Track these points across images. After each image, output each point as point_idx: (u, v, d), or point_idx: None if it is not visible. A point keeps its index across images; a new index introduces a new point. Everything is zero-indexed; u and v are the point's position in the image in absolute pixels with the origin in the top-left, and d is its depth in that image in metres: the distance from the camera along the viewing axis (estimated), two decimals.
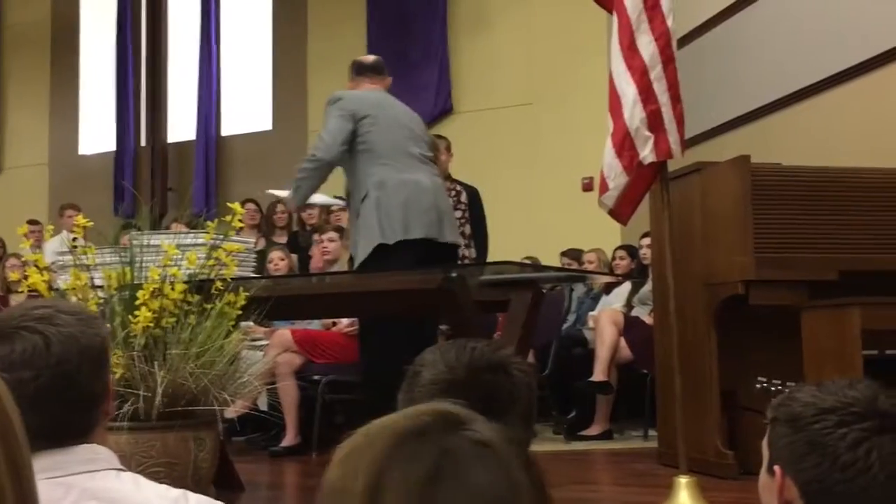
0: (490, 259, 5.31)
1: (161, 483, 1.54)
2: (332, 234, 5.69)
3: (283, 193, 4.52)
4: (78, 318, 1.48)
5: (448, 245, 4.23)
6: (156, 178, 9.53)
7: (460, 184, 5.70)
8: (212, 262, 3.29)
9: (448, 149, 5.67)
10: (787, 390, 1.31)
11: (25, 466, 0.85)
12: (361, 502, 0.78)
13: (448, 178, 5.26)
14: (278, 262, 5.97)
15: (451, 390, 1.24)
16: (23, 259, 6.71)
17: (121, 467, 1.49)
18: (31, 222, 7.44)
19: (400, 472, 0.78)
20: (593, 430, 5.60)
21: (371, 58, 4.66)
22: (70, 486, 1.40)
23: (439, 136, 5.69)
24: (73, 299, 3.04)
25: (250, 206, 7.57)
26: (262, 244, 6.90)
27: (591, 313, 6.10)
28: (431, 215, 4.15)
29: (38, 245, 5.91)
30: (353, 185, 4.29)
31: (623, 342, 5.54)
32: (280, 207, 7.49)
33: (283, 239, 7.21)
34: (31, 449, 1.42)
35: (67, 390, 1.44)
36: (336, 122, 4.21)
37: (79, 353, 1.44)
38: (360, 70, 4.53)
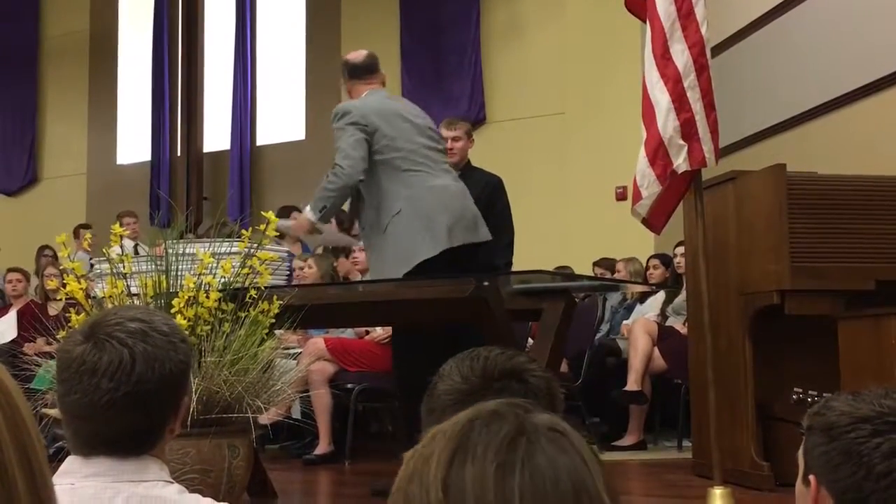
0: (522, 268, 5.28)
1: (194, 491, 1.57)
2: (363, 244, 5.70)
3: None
4: (168, 339, 1.52)
5: (483, 243, 4.20)
6: (191, 188, 9.62)
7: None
8: (246, 270, 3.31)
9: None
10: (822, 400, 1.30)
11: (38, 459, 0.85)
12: (442, 469, 0.77)
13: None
14: (307, 269, 5.94)
15: (466, 401, 1.23)
16: (61, 268, 6.79)
17: (170, 479, 1.53)
18: (83, 227, 7.55)
19: (481, 442, 0.78)
20: (627, 440, 5.56)
21: (361, 55, 4.34)
22: (119, 490, 1.46)
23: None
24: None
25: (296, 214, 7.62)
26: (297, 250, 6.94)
27: (624, 322, 6.07)
28: (468, 217, 4.12)
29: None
30: (376, 200, 4.09)
31: (657, 352, 5.51)
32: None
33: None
34: (88, 452, 1.48)
35: (138, 408, 1.48)
36: (351, 139, 4.01)
37: (160, 376, 1.49)
38: (353, 72, 4.27)
